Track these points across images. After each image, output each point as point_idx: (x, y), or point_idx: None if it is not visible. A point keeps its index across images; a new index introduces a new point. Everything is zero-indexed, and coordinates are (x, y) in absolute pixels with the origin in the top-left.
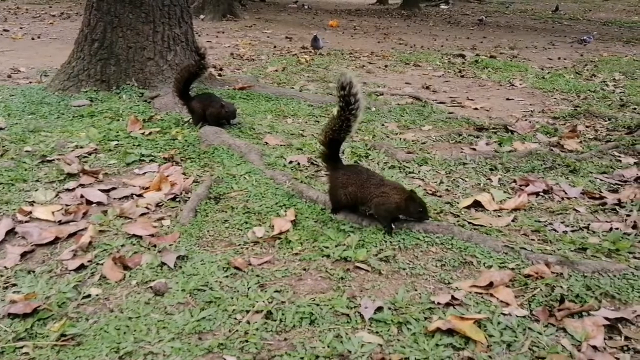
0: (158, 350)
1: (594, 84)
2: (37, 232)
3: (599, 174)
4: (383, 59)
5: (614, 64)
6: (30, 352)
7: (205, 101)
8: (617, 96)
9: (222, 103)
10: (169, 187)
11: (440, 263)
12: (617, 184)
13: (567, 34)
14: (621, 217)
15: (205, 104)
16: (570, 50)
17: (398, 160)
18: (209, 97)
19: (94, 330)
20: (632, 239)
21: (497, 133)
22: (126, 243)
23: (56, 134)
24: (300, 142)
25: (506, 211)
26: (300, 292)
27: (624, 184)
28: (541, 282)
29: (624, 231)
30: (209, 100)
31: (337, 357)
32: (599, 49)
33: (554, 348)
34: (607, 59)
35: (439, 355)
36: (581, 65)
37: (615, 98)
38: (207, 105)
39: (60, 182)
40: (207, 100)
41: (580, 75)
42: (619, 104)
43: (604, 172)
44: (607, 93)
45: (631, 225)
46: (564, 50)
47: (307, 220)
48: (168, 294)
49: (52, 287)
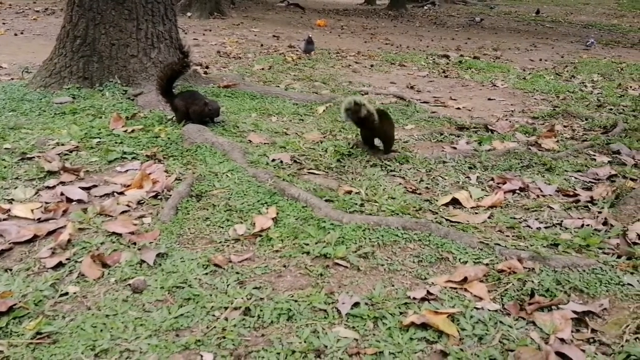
0: (134, 348)
1: (572, 85)
2: (15, 230)
3: (573, 172)
4: (369, 59)
5: (592, 66)
6: (5, 350)
7: (189, 99)
8: (594, 97)
9: (206, 101)
10: (150, 185)
11: (418, 259)
12: (591, 182)
13: (549, 36)
14: (593, 214)
15: (189, 101)
16: (552, 52)
17: (380, 159)
18: (192, 95)
19: (71, 328)
20: (602, 235)
21: (478, 132)
22: (106, 241)
23: (37, 131)
24: (283, 141)
25: (483, 208)
26: (279, 288)
27: (598, 182)
28: (513, 277)
29: (595, 227)
30: (192, 98)
31: (313, 352)
32: (579, 51)
33: (523, 341)
34: (587, 61)
35: (413, 348)
36: (561, 67)
37: (592, 99)
38: (191, 103)
39: (40, 180)
40: (190, 98)
41: (560, 76)
42: (596, 104)
43: (579, 170)
44: (585, 94)
45: (602, 221)
46: (545, 52)
47: (288, 218)
48: (146, 292)
49: (29, 285)
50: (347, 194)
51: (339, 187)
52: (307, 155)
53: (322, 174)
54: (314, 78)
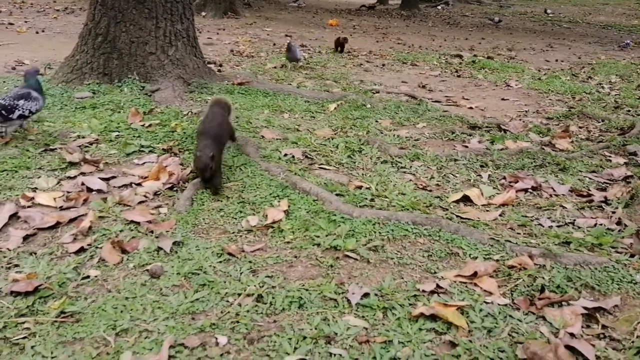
0: (153, 328)
1: (589, 86)
2: (39, 217)
3: (588, 172)
4: (381, 58)
5: (610, 67)
6: (32, 327)
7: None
8: (612, 98)
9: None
10: (167, 177)
11: (427, 254)
12: (605, 183)
13: (565, 36)
14: (607, 213)
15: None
16: (568, 53)
17: (391, 156)
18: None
19: (92, 308)
20: (616, 235)
21: (490, 131)
22: (124, 228)
23: (59, 124)
24: (295, 136)
25: (494, 206)
26: (290, 278)
27: (613, 183)
28: (524, 273)
29: (608, 227)
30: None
31: (324, 338)
32: (597, 52)
33: (533, 334)
34: (605, 62)
35: (422, 338)
36: (578, 68)
37: (610, 100)
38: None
39: (62, 170)
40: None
41: (577, 77)
42: (613, 105)
43: (594, 171)
44: (602, 95)
45: (615, 221)
46: (561, 53)
47: (299, 211)
48: (164, 277)
49: (52, 268)
50: (358, 188)
51: (349, 182)
52: (318, 150)
53: (333, 169)
54: (326, 77)
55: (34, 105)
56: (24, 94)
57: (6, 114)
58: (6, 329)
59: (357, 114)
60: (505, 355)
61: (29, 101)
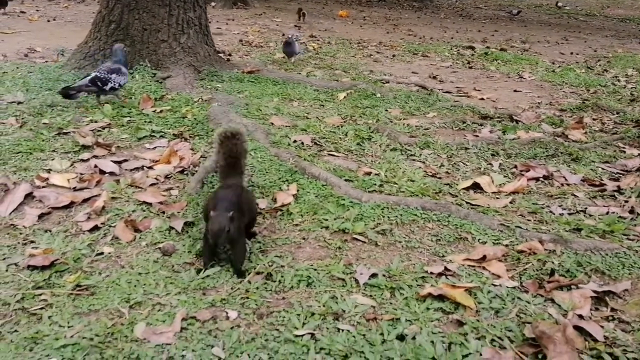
0: (165, 302)
1: (605, 78)
2: (54, 196)
3: (601, 163)
4: (391, 49)
5: (627, 60)
6: (48, 299)
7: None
8: (628, 91)
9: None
10: (177, 161)
11: (436, 238)
12: (618, 173)
13: (581, 29)
14: (619, 202)
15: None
16: (584, 46)
17: (400, 144)
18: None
19: (107, 282)
20: (628, 222)
21: (502, 122)
22: (137, 209)
23: (72, 109)
24: (305, 124)
25: (504, 194)
26: (299, 258)
27: (626, 173)
28: (533, 258)
29: (620, 215)
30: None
31: (332, 315)
32: (614, 45)
33: (541, 315)
34: (622, 56)
35: (429, 317)
36: (594, 61)
37: (625, 93)
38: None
39: (75, 153)
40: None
41: (592, 70)
42: (629, 98)
43: (607, 161)
44: (618, 88)
45: (628, 209)
46: (577, 46)
47: (308, 195)
48: (175, 255)
49: (67, 245)
50: (367, 175)
51: (358, 168)
52: (327, 138)
53: (342, 156)
54: (335, 67)
55: (123, 80)
56: (116, 69)
57: (101, 85)
58: (24, 300)
59: (366, 103)
60: (512, 335)
61: (119, 75)
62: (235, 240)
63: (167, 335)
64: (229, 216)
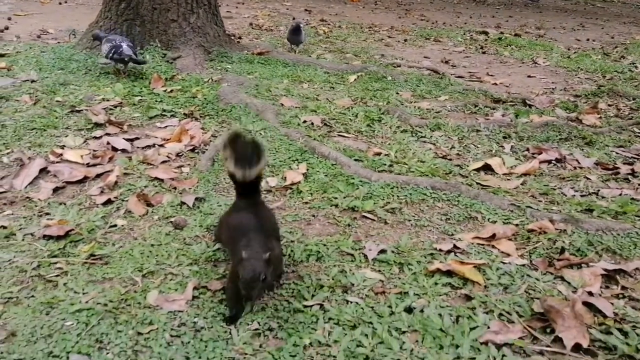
0: (177, 272)
1: (621, 65)
2: (68, 171)
3: (615, 147)
4: (403, 34)
5: None
6: (64, 267)
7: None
8: None
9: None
10: (188, 140)
11: (445, 217)
12: (633, 158)
13: (598, 16)
14: (633, 185)
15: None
16: (600, 33)
17: (411, 125)
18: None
19: (120, 253)
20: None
21: (515, 106)
22: (149, 184)
23: (84, 87)
24: (315, 105)
25: (516, 175)
26: (308, 234)
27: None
28: (543, 237)
29: (634, 197)
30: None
31: (341, 288)
32: (632, 32)
33: (550, 292)
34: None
35: (437, 291)
36: (610, 47)
37: None
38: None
39: (88, 130)
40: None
41: (609, 56)
42: None
43: (621, 146)
44: (635, 74)
45: None
46: (593, 32)
47: (317, 174)
48: (187, 228)
49: (82, 217)
50: (377, 155)
51: (368, 148)
52: (337, 119)
53: (352, 136)
54: (346, 50)
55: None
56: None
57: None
58: (40, 268)
59: (377, 85)
60: (521, 310)
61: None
62: (271, 285)
63: (179, 303)
64: (265, 259)
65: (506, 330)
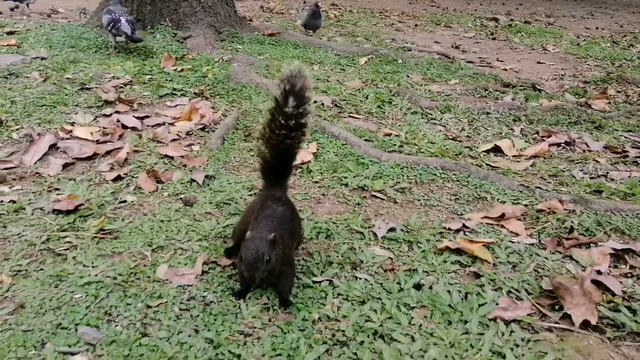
0: (187, 247)
1: (630, 53)
2: (78, 148)
3: (624, 131)
4: (413, 19)
5: None
6: (73, 241)
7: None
8: None
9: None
10: (198, 118)
11: (455, 197)
12: None
13: (608, 5)
14: None
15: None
16: (610, 21)
17: (421, 107)
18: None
19: (130, 228)
20: None
21: (525, 90)
22: (159, 162)
23: (94, 65)
24: (325, 86)
25: (525, 157)
26: (318, 212)
27: None
28: (553, 217)
29: None
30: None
31: (350, 264)
32: None
33: (559, 270)
34: None
35: (446, 269)
36: (619, 36)
37: None
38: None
39: (98, 108)
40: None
41: (618, 44)
42: None
43: (630, 130)
44: None
45: None
46: (602, 21)
47: (327, 154)
48: (196, 205)
49: (91, 192)
50: (387, 136)
51: (378, 129)
52: (347, 100)
53: (362, 117)
54: (357, 34)
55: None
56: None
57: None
58: (49, 241)
59: (388, 68)
60: (530, 287)
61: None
62: (281, 271)
63: (188, 277)
64: (270, 239)
65: (515, 307)
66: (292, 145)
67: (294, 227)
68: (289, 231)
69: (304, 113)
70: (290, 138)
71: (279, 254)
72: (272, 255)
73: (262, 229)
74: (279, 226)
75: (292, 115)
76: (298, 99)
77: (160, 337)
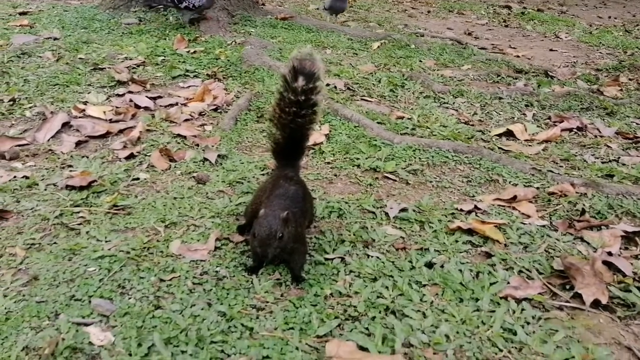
0: (200, 224)
1: None
2: (91, 126)
3: (636, 118)
4: (426, 5)
5: None
6: (86, 216)
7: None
8: None
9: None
10: (211, 99)
11: (467, 179)
12: None
13: None
14: None
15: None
16: (623, 11)
17: (434, 92)
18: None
19: (143, 204)
20: None
21: (537, 76)
22: (172, 141)
23: (107, 46)
24: (338, 70)
25: (537, 142)
26: (330, 192)
27: None
28: (564, 200)
29: None
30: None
31: (362, 243)
32: None
33: (570, 251)
34: None
35: (458, 248)
36: (632, 25)
37: None
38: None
39: (110, 88)
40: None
41: (630, 33)
42: None
43: None
44: None
45: None
46: (615, 10)
47: (340, 136)
48: (209, 184)
49: (104, 170)
50: (399, 119)
51: (391, 112)
52: (360, 84)
53: (375, 101)
54: (369, 20)
55: (198, 1)
56: None
57: (177, 2)
58: (63, 216)
59: (400, 53)
60: (541, 267)
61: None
62: (293, 248)
63: (201, 253)
64: (283, 217)
65: (526, 286)
66: (303, 125)
67: (305, 206)
68: (301, 209)
69: (313, 90)
70: (300, 116)
71: (291, 231)
72: (285, 232)
73: (275, 207)
74: (292, 204)
75: (301, 92)
76: (307, 77)
77: (173, 309)
